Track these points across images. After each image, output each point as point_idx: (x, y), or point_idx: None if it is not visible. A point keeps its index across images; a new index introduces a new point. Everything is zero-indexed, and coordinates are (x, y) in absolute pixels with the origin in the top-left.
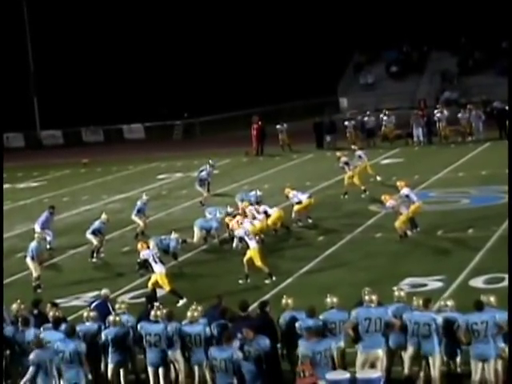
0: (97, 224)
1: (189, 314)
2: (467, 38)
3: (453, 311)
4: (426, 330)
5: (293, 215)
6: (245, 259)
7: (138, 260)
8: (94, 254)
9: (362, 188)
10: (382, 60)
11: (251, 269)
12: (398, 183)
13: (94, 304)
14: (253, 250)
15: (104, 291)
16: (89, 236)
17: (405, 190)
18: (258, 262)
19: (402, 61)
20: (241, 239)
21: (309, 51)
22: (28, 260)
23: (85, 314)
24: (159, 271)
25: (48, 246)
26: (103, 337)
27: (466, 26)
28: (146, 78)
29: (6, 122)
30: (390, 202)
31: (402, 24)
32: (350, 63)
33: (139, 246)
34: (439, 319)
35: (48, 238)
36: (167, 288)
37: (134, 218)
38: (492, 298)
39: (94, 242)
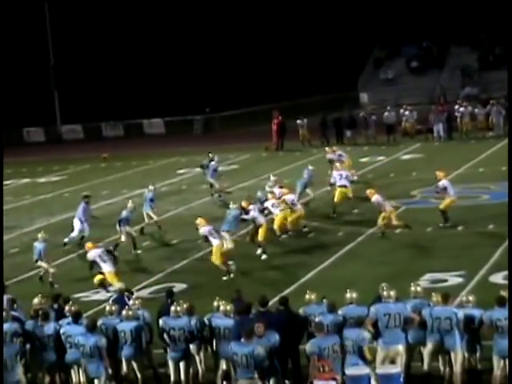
0: (124, 214)
1: (221, 308)
2: (487, 34)
3: (474, 307)
4: (448, 325)
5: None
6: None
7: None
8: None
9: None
10: (402, 55)
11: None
12: (438, 173)
13: (112, 298)
14: (215, 247)
15: (118, 285)
16: (120, 229)
17: (444, 182)
18: (217, 260)
19: (422, 56)
20: (206, 238)
21: (329, 46)
22: (38, 262)
23: (107, 308)
24: (108, 271)
25: (66, 240)
26: (119, 330)
27: (485, 21)
28: (167, 73)
29: (27, 116)
30: (374, 196)
31: (421, 19)
32: (370, 58)
33: (88, 245)
34: (460, 313)
35: (77, 229)
36: (116, 284)
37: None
38: (504, 294)
39: (123, 237)
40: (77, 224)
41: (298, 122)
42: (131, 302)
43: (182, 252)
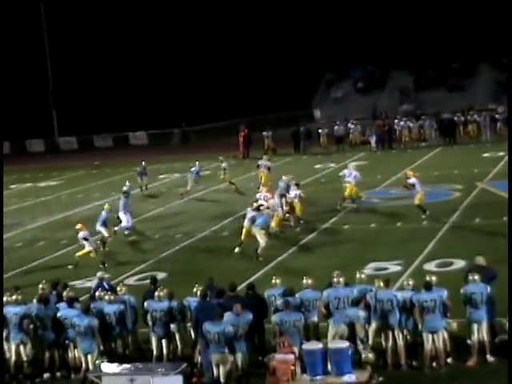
0: (104, 215)
1: (199, 292)
2: (422, 59)
3: (412, 290)
4: (389, 306)
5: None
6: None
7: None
8: (106, 244)
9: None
10: (349, 77)
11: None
12: (408, 172)
13: (94, 286)
14: (86, 250)
15: (99, 274)
16: (99, 228)
17: (412, 179)
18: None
19: (366, 78)
20: (85, 239)
21: (288, 70)
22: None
23: (97, 294)
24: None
25: (116, 228)
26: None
27: (420, 49)
28: (150, 93)
29: (29, 129)
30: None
31: (366, 47)
32: (323, 80)
33: (79, 226)
34: (399, 296)
35: (125, 220)
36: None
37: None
38: (434, 278)
39: (105, 233)
40: (122, 216)
41: (264, 133)
42: (118, 288)
43: (163, 245)
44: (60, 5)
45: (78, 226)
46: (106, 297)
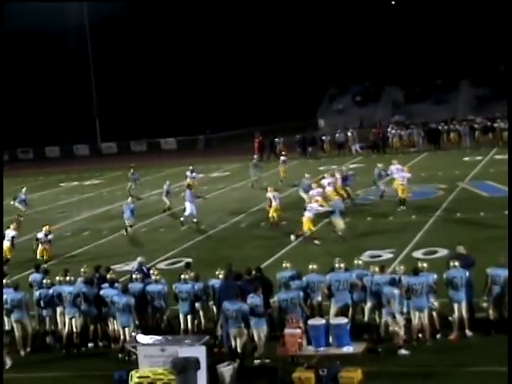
0: (131, 206)
1: (221, 275)
2: (411, 77)
3: (403, 274)
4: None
5: None
6: None
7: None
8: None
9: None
10: (349, 92)
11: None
12: (393, 161)
13: (135, 269)
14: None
15: (139, 259)
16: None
17: (393, 167)
18: None
19: (363, 93)
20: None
21: (296, 85)
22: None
23: (133, 276)
24: None
25: (182, 219)
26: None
27: (410, 67)
28: (179, 103)
29: (75, 135)
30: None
31: (363, 65)
32: (326, 94)
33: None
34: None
35: (189, 209)
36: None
37: (164, 198)
38: (425, 265)
39: (128, 222)
40: (188, 206)
41: (276, 140)
42: (151, 272)
43: (189, 235)
44: (102, 20)
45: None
46: (153, 277)
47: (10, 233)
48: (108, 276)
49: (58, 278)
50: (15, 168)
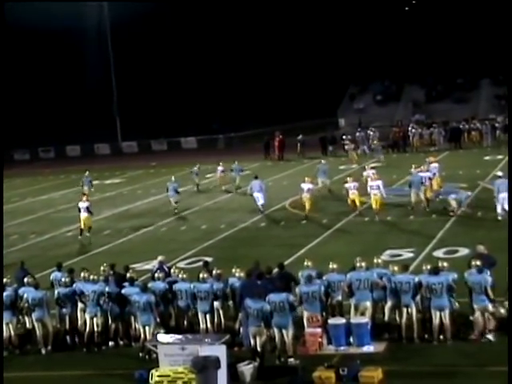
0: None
1: (237, 274)
2: (432, 76)
3: (425, 274)
4: (407, 287)
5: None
6: None
7: None
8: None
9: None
10: (369, 91)
11: None
12: (431, 158)
13: (156, 268)
14: None
15: (159, 258)
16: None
17: (433, 166)
18: None
19: (384, 91)
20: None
21: (317, 84)
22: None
23: (155, 275)
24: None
25: (261, 208)
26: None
27: (431, 66)
28: (200, 102)
29: (96, 134)
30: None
31: (384, 64)
32: (347, 93)
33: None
34: (416, 279)
35: (261, 201)
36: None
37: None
38: (446, 264)
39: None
40: (258, 195)
41: (299, 138)
42: (172, 271)
43: (209, 234)
44: (123, 19)
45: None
46: (180, 275)
47: (83, 204)
48: (127, 275)
49: (82, 274)
50: (36, 167)
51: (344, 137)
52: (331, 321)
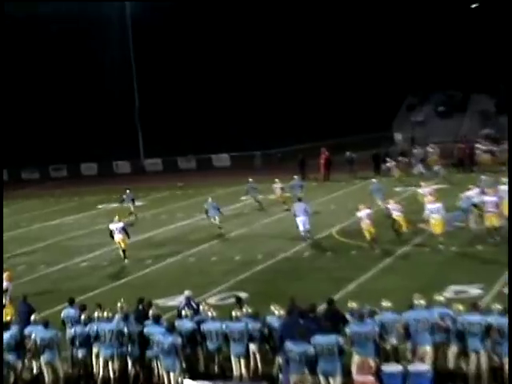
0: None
1: (276, 312)
2: (504, 83)
3: (495, 314)
4: (476, 329)
5: None
6: None
7: None
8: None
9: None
10: (430, 101)
11: None
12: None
13: (183, 304)
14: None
15: (186, 292)
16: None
17: (503, 188)
18: None
19: (447, 102)
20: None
21: (369, 93)
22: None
23: (183, 313)
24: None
25: (306, 235)
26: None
27: (502, 73)
28: (232, 117)
29: (116, 151)
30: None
31: (447, 71)
32: (403, 104)
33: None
34: (487, 320)
35: (305, 227)
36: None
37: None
38: None
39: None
40: (301, 220)
41: (347, 155)
42: (201, 308)
43: (244, 265)
44: (146, 29)
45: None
46: (210, 313)
47: (116, 225)
48: (151, 312)
49: (96, 314)
50: (46, 187)
51: (401, 154)
52: (385, 368)
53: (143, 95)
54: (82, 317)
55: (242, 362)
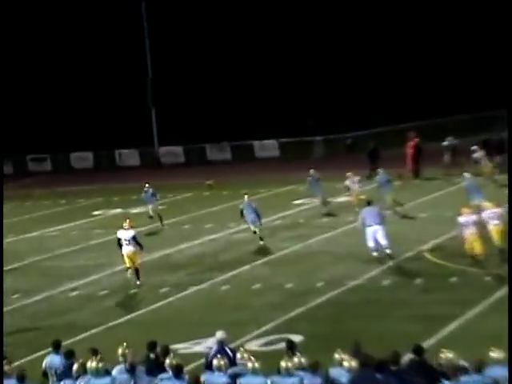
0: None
1: (345, 363)
2: None
3: None
4: None
5: None
6: None
7: None
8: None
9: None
10: None
11: None
12: None
13: (214, 351)
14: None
15: (218, 335)
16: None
17: None
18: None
19: None
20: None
21: (475, 55)
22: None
23: (215, 363)
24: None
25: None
26: None
27: None
28: (283, 89)
29: (119, 136)
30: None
31: None
32: None
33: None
34: None
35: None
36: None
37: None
38: None
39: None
40: (374, 231)
41: (446, 143)
42: (239, 356)
43: (298, 297)
44: (164, 33)
45: None
46: (250, 363)
47: (125, 234)
48: (167, 361)
49: (89, 363)
50: (23, 185)
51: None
52: None
53: (157, 63)
54: (74, 367)
55: None
